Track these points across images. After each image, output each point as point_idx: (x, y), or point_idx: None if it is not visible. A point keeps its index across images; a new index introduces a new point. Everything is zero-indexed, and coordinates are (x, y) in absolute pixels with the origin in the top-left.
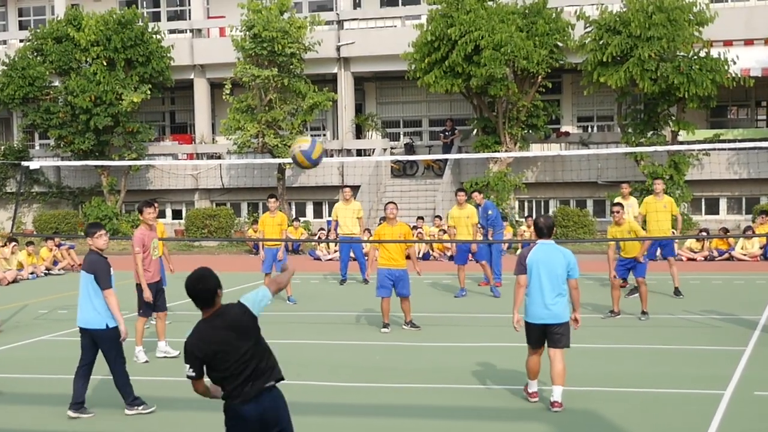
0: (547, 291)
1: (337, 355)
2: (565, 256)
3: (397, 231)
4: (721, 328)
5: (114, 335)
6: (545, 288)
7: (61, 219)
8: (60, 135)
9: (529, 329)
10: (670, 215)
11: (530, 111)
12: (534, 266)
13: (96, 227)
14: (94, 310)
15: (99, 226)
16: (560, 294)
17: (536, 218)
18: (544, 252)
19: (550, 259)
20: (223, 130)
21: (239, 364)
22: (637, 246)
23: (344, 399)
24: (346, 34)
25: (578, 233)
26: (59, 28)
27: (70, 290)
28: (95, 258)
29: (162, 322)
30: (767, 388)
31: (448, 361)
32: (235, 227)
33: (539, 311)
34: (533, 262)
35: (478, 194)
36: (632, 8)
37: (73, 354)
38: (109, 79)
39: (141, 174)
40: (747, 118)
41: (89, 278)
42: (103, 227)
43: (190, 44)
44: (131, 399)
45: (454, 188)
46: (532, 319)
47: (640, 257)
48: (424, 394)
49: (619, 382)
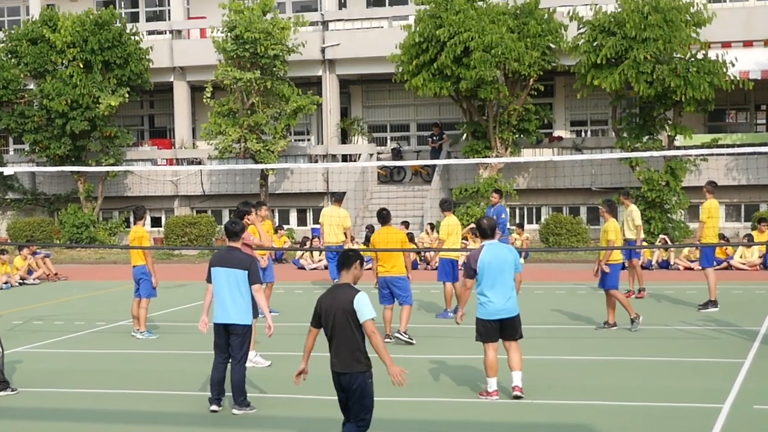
0: (502, 288)
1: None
2: (511, 253)
3: (390, 239)
4: (719, 340)
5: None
6: (499, 286)
7: (36, 226)
8: (35, 140)
9: (486, 326)
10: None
11: (521, 115)
12: (486, 267)
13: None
14: (242, 305)
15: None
16: (512, 289)
17: (479, 220)
18: (494, 252)
19: (500, 258)
20: (204, 135)
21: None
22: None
23: (328, 413)
24: (331, 36)
25: (571, 241)
26: (34, 29)
27: (46, 300)
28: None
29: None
30: (767, 402)
31: (436, 374)
32: (216, 235)
33: (495, 308)
34: (485, 263)
35: (497, 194)
36: (627, 9)
37: (50, 366)
38: (86, 81)
39: (119, 180)
40: (746, 122)
41: (239, 274)
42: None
43: (170, 46)
44: (242, 398)
45: (443, 195)
46: (489, 316)
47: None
48: (411, 408)
49: (615, 395)
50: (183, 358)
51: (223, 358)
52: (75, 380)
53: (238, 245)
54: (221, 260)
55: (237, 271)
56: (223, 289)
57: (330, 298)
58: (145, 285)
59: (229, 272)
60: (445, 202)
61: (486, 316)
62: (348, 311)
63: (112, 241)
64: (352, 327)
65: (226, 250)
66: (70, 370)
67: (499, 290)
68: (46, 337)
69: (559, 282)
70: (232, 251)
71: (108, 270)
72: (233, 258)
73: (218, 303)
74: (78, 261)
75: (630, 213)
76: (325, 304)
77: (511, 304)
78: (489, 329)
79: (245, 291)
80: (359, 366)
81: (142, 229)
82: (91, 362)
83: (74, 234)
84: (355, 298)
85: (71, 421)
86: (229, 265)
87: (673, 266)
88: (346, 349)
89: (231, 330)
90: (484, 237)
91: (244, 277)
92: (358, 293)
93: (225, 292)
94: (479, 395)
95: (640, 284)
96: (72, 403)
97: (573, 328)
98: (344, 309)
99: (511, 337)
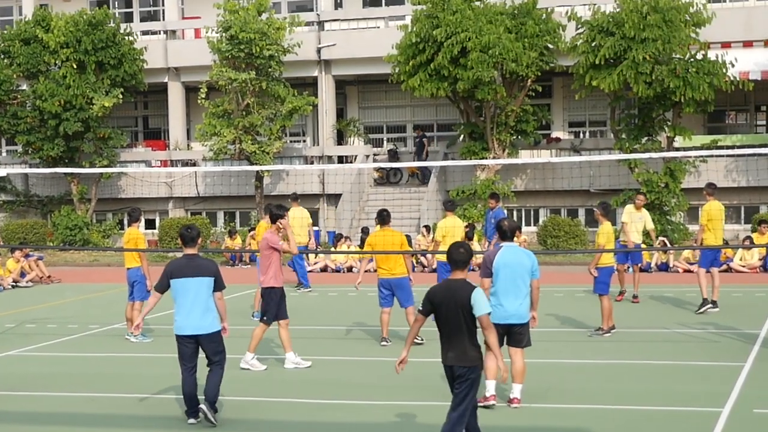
0: (514, 292)
1: (319, 371)
2: (529, 258)
3: (390, 240)
4: (719, 343)
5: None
6: (512, 289)
7: (29, 229)
8: (28, 141)
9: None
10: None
11: (519, 116)
12: (501, 269)
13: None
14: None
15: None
16: (526, 295)
17: (499, 221)
18: (510, 254)
19: (516, 261)
20: (199, 136)
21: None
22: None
23: (325, 417)
24: (327, 36)
25: (569, 244)
26: (27, 30)
27: (39, 303)
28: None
29: (285, 331)
30: (767, 406)
31: (434, 376)
32: (211, 237)
33: (505, 313)
34: (500, 264)
35: (494, 200)
36: (626, 9)
37: (43, 370)
38: (80, 82)
39: (113, 182)
40: (746, 124)
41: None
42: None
43: (164, 46)
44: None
45: (440, 197)
46: (497, 319)
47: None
48: (409, 411)
49: (614, 399)
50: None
51: (192, 370)
52: (68, 384)
53: (196, 251)
54: (185, 270)
55: (204, 279)
56: (191, 299)
57: (444, 292)
58: (139, 288)
59: (196, 281)
60: (447, 202)
61: (493, 320)
62: (464, 306)
63: (105, 244)
64: (467, 321)
65: (186, 259)
66: (64, 373)
67: (511, 295)
68: (39, 341)
69: (558, 285)
70: (194, 259)
71: (102, 272)
72: (198, 266)
73: (184, 314)
74: (71, 263)
75: (642, 216)
76: (439, 297)
77: (522, 310)
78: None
79: (211, 298)
80: (474, 360)
81: (137, 231)
82: (84, 365)
83: (67, 236)
84: (472, 294)
85: (65, 425)
86: (195, 274)
87: (672, 269)
88: (460, 343)
89: (203, 339)
90: (503, 238)
91: (211, 284)
92: (475, 289)
93: (193, 303)
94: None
95: (635, 290)
96: (65, 407)
97: (571, 332)
98: (461, 304)
99: (517, 344)
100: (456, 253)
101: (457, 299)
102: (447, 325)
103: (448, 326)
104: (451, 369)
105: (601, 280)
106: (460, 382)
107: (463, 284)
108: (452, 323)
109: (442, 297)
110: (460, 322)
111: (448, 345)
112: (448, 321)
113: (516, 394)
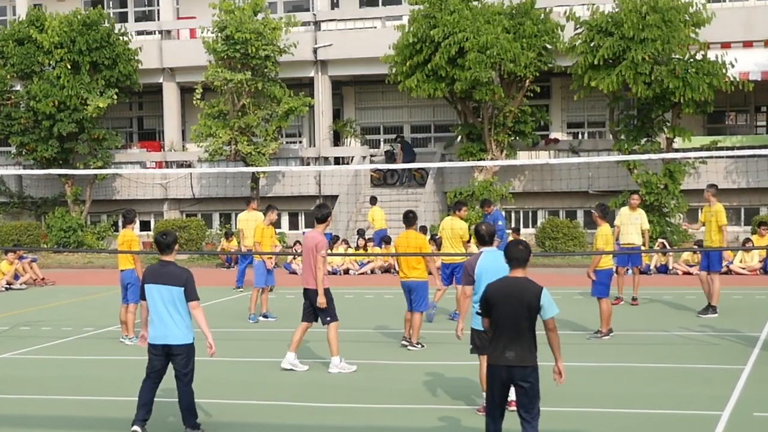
0: None
1: (313, 373)
2: None
3: (412, 243)
4: (718, 346)
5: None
6: None
7: (22, 230)
8: (22, 142)
9: (482, 338)
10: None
11: (517, 117)
12: (483, 275)
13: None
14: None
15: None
16: None
17: (477, 225)
18: (492, 260)
19: (498, 266)
20: (194, 137)
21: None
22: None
23: (318, 420)
24: (324, 36)
25: (568, 246)
26: (21, 30)
27: (32, 305)
28: None
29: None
30: (767, 409)
31: (431, 380)
32: (206, 239)
33: None
34: (482, 271)
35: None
36: (625, 8)
37: (36, 373)
38: (74, 83)
39: (107, 183)
40: (746, 124)
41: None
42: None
43: (159, 46)
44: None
45: (437, 198)
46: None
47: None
48: (403, 415)
49: (613, 402)
50: None
51: (155, 382)
52: (63, 387)
53: (172, 259)
54: (155, 276)
55: (173, 288)
56: (160, 307)
57: (506, 289)
58: (133, 290)
59: (163, 289)
60: (457, 203)
61: (478, 327)
62: (532, 306)
63: (100, 245)
64: (530, 320)
65: (159, 265)
66: (58, 376)
67: None
68: (33, 343)
69: (556, 287)
70: (167, 266)
71: (96, 275)
72: (168, 274)
73: (156, 322)
74: (65, 265)
75: (638, 216)
76: (499, 294)
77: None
78: (485, 341)
79: (183, 308)
80: (533, 360)
81: (132, 232)
82: (78, 369)
83: (62, 238)
84: (542, 294)
85: (59, 428)
86: (163, 282)
87: (671, 271)
88: (523, 342)
89: (173, 351)
90: (482, 243)
91: (181, 294)
92: (543, 288)
93: (162, 311)
94: (477, 412)
95: (634, 292)
96: (60, 411)
97: (569, 334)
98: (528, 303)
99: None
100: (516, 250)
101: (524, 298)
102: (508, 323)
103: (509, 325)
104: (509, 370)
105: (600, 282)
106: (525, 385)
107: (528, 282)
108: (516, 322)
109: (503, 294)
110: (523, 321)
111: (506, 344)
112: (510, 319)
113: (513, 397)
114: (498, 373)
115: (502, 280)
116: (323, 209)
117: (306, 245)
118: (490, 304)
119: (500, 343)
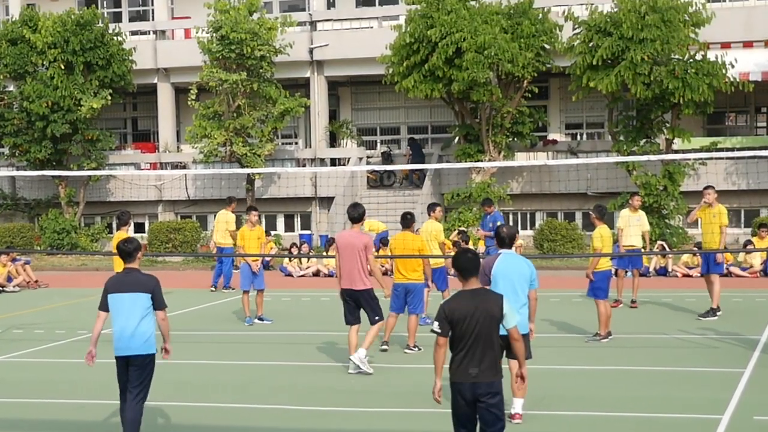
0: (513, 301)
1: (312, 377)
2: (529, 267)
3: (409, 245)
4: (718, 349)
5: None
6: (511, 298)
7: (15, 232)
8: (15, 143)
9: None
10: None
11: (515, 117)
12: (500, 277)
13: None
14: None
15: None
16: (524, 304)
17: (498, 228)
18: (509, 262)
19: (516, 270)
20: (189, 138)
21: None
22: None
23: (317, 424)
24: (320, 36)
25: (566, 248)
26: (14, 30)
27: (26, 308)
28: None
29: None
30: (767, 413)
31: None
32: (201, 241)
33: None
34: (498, 272)
35: (488, 207)
36: (624, 8)
37: (30, 376)
38: (67, 83)
39: (101, 185)
40: (746, 125)
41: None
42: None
43: (154, 46)
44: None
45: (434, 199)
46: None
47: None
48: (401, 419)
49: (612, 405)
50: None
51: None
52: (57, 391)
53: (136, 266)
54: (120, 285)
55: (140, 294)
56: (125, 316)
57: (469, 304)
58: None
59: (130, 297)
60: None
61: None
62: (497, 317)
63: (94, 248)
64: (496, 332)
65: (123, 273)
66: (52, 380)
67: (510, 304)
68: (26, 346)
69: (554, 289)
70: (131, 273)
71: (90, 277)
72: (134, 281)
73: (118, 333)
74: (59, 268)
75: (639, 218)
76: (462, 311)
77: (521, 320)
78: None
79: (149, 317)
80: (499, 374)
81: (126, 234)
82: (72, 372)
83: (55, 240)
84: (504, 303)
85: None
86: (128, 290)
87: (671, 273)
88: (491, 356)
89: (131, 361)
90: (502, 245)
91: (147, 301)
92: (502, 297)
93: (127, 320)
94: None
95: (633, 295)
96: (53, 414)
97: (568, 337)
98: (492, 314)
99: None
100: (465, 259)
101: (488, 308)
102: (475, 338)
103: (476, 340)
104: (474, 387)
105: (598, 284)
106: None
107: (487, 292)
108: (483, 336)
109: (466, 309)
110: (491, 333)
111: (472, 360)
112: (473, 334)
113: (518, 409)
114: (461, 391)
115: (461, 295)
116: (359, 208)
117: (352, 246)
118: (453, 322)
119: (465, 359)
